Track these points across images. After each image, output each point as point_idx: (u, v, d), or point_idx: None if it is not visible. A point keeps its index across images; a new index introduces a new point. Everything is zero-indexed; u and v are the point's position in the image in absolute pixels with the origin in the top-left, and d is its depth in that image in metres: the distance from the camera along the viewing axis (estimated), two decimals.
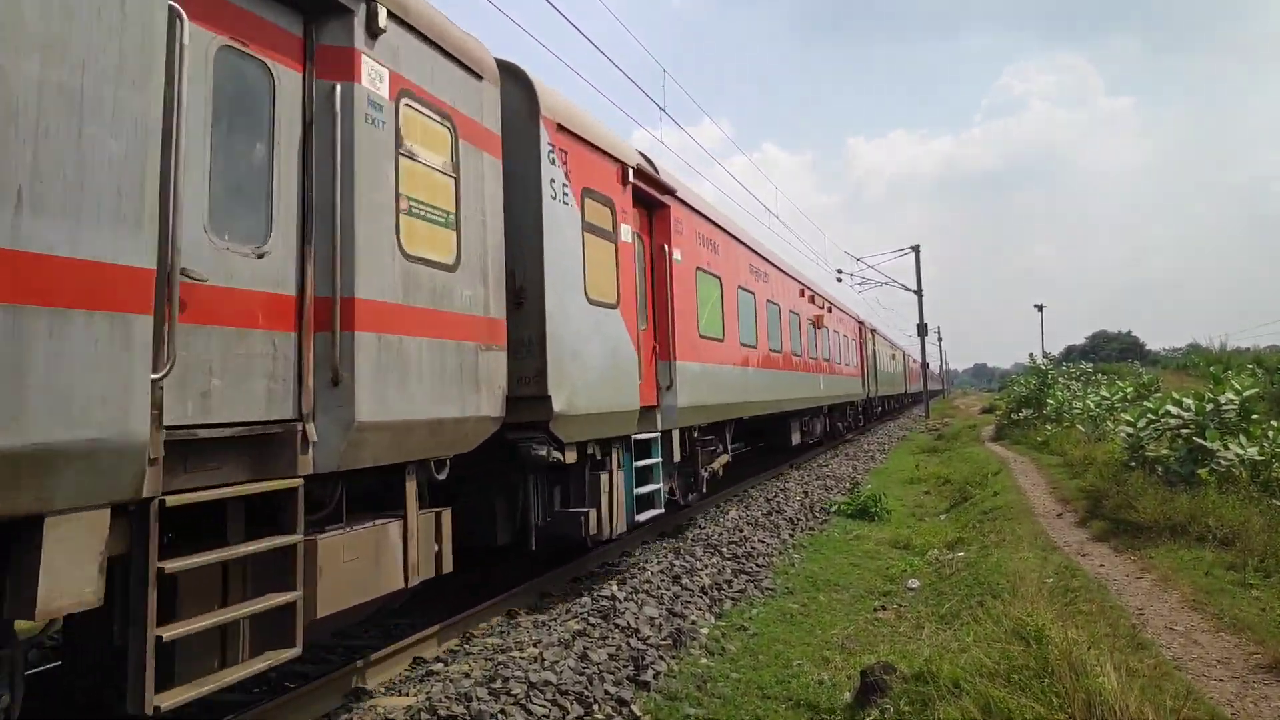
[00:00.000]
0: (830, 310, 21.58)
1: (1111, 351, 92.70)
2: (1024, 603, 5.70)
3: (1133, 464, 11.06)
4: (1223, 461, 9.41)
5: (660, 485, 8.53)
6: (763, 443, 18.73)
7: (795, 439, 17.43)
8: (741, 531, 10.11)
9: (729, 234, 12.19)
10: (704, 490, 10.94)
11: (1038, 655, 4.43)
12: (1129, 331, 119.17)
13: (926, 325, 42.96)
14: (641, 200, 8.85)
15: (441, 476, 5.26)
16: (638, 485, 8.10)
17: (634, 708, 4.89)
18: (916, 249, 42.36)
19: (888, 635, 6.42)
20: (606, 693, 5.00)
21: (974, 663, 4.53)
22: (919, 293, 42.32)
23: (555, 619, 6.48)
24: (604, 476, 7.31)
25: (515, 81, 6.60)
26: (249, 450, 3.90)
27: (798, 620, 6.93)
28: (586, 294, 7.09)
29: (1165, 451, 10.63)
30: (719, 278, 11.35)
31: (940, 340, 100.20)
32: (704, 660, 5.84)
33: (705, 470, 10.85)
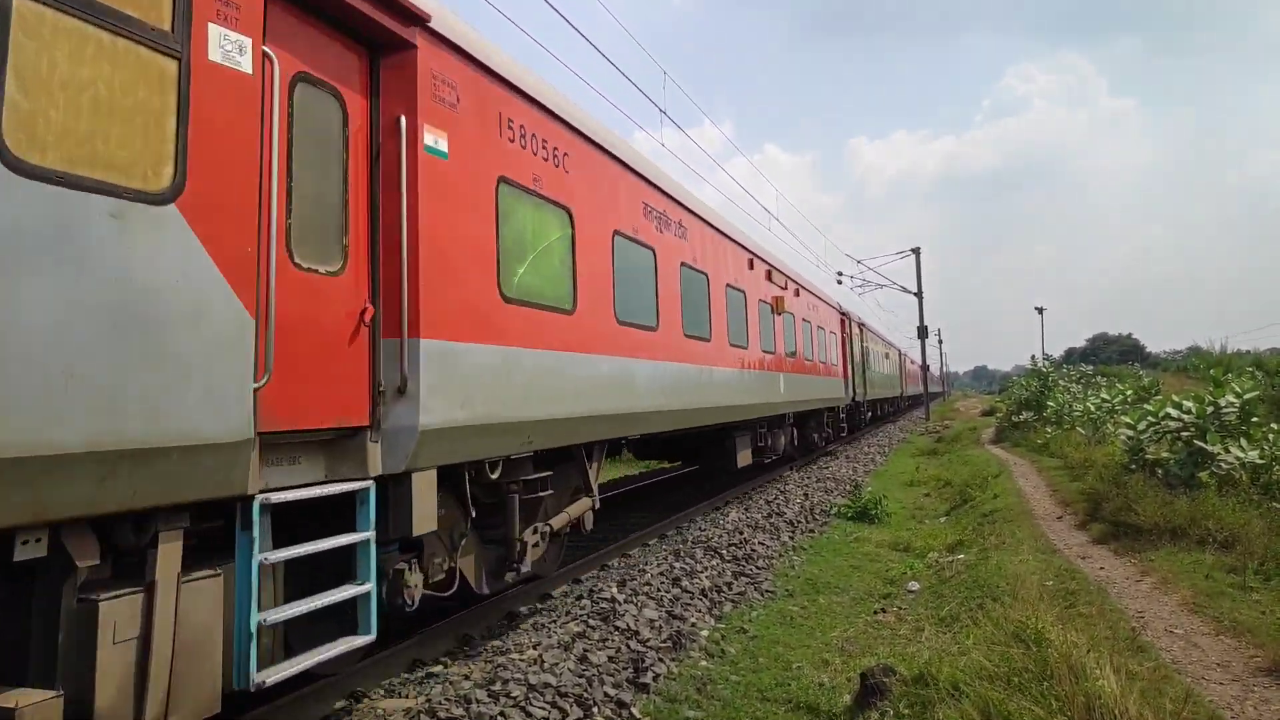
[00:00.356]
0: (798, 293, 17.48)
1: (1112, 354, 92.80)
2: (1024, 605, 5.70)
3: (1133, 467, 11.05)
4: (1223, 464, 9.42)
5: (369, 586, 4.41)
6: (697, 465, 15.20)
7: (743, 459, 13.18)
8: (742, 534, 10.11)
9: (594, 145, 7.68)
10: (523, 568, 6.41)
11: (1037, 658, 4.43)
12: (1129, 334, 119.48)
13: (927, 328, 43.02)
14: (335, 19, 4.68)
15: None
16: (319, 590, 4.23)
17: (634, 710, 4.89)
18: (917, 251, 42.38)
19: (888, 638, 6.42)
20: (606, 695, 5.00)
21: (974, 665, 4.53)
22: (919, 295, 42.35)
23: (555, 621, 6.48)
24: (103, 608, 3.23)
25: None
26: None
27: (798, 623, 6.92)
28: None
29: (1165, 454, 10.63)
30: (568, 211, 7.02)
31: (941, 342, 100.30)
32: (704, 662, 5.83)
33: (538, 531, 6.60)
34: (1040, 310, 65.06)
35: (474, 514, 5.81)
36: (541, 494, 6.55)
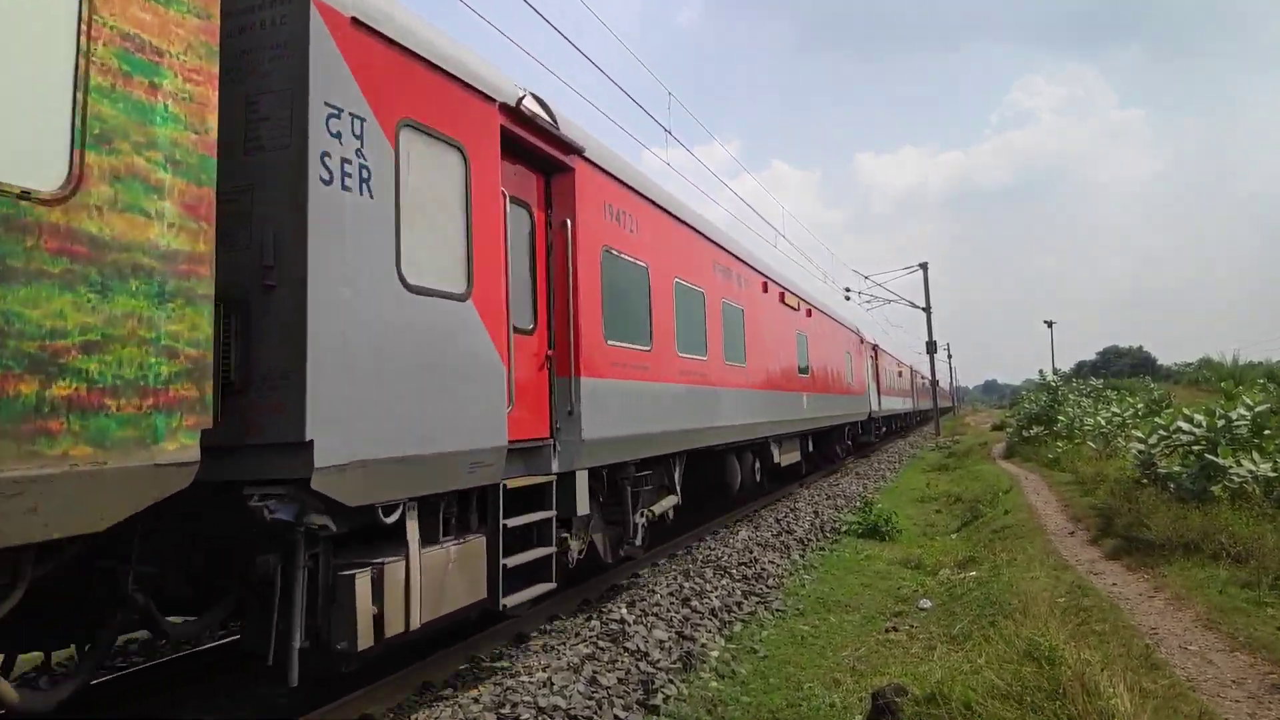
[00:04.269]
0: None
1: (1122, 367, 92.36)
2: (1036, 622, 5.66)
3: (1144, 480, 10.98)
4: (1235, 477, 9.34)
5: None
6: None
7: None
8: (751, 552, 10.07)
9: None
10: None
11: (1050, 676, 4.39)
12: (1140, 346, 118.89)
13: (935, 342, 42.90)
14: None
15: None
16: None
17: None
18: (924, 266, 42.33)
19: (899, 656, 6.37)
20: (616, 717, 4.98)
21: (986, 684, 4.50)
22: (928, 310, 42.28)
23: (564, 642, 6.47)
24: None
25: None
26: None
27: (808, 642, 6.89)
28: None
29: (1177, 468, 10.55)
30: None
31: (950, 357, 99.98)
32: (714, 683, 5.81)
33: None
34: (1049, 324, 64.74)
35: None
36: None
